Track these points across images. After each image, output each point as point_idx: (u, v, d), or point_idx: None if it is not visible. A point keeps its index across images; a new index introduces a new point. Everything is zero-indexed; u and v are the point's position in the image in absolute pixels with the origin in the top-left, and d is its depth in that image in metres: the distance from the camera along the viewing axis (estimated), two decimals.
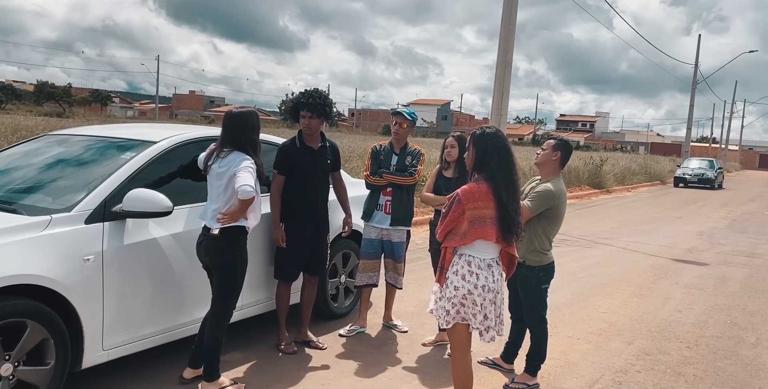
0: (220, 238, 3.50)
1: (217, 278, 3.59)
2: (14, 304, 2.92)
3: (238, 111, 3.69)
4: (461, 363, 3.26)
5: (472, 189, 3.10)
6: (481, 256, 3.13)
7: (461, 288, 3.11)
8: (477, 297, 3.10)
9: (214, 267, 3.57)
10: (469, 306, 3.12)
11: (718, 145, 64.88)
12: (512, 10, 10.36)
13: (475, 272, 3.11)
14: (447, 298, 3.16)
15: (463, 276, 3.11)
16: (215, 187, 3.57)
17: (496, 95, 10.47)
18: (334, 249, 5.01)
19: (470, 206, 3.05)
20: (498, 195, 3.08)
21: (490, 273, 3.13)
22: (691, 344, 5.07)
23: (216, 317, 3.60)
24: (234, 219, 3.47)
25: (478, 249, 3.13)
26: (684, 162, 29.59)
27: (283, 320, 4.42)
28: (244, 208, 3.45)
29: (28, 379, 3.03)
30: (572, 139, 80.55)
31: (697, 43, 37.30)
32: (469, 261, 3.12)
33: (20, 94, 64.10)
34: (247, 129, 3.61)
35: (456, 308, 3.14)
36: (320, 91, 4.36)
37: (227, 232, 3.50)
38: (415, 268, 7.02)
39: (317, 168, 4.36)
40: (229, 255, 3.55)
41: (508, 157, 3.17)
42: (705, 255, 9.38)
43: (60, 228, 3.19)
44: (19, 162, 4.14)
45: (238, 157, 3.50)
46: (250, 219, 3.59)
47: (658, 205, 17.43)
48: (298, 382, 3.88)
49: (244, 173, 3.40)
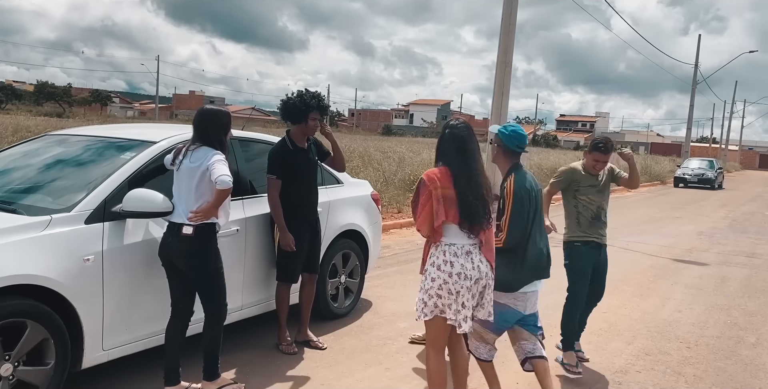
0: (192, 237, 3.38)
1: (197, 281, 3.48)
2: (14, 304, 2.92)
3: (210, 108, 3.65)
4: (434, 359, 3.23)
5: (434, 171, 3.18)
6: (459, 243, 3.12)
7: (437, 279, 3.10)
8: (452, 286, 3.07)
9: (189, 269, 3.44)
10: (445, 297, 3.10)
11: (718, 145, 64.86)
12: (512, 10, 10.36)
13: (450, 260, 3.09)
14: (424, 290, 3.16)
15: (438, 267, 3.11)
16: (185, 184, 3.46)
17: (496, 95, 10.47)
18: (334, 249, 5.02)
19: (435, 186, 3.10)
20: (455, 177, 3.13)
21: (468, 260, 3.11)
22: (691, 344, 5.07)
23: (210, 318, 3.54)
24: (207, 217, 3.37)
25: (453, 235, 3.13)
26: (684, 162, 29.58)
27: (283, 321, 4.42)
28: (219, 202, 3.34)
29: (28, 379, 3.03)
30: (572, 139, 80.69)
31: (697, 43, 37.31)
32: (444, 251, 3.12)
33: (20, 94, 64.04)
34: (216, 127, 3.53)
35: (433, 300, 3.12)
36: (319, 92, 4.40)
37: (200, 231, 3.39)
38: (415, 268, 7.00)
39: (311, 167, 4.43)
40: (204, 255, 3.44)
41: (463, 145, 3.22)
42: (705, 256, 9.38)
43: (60, 228, 3.19)
44: (19, 162, 4.14)
45: (209, 152, 3.43)
46: (221, 216, 3.48)
47: (658, 205, 17.43)
48: (298, 382, 3.89)
49: (219, 165, 3.34)
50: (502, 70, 10.52)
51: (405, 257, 7.75)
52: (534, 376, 3.70)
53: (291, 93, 4.41)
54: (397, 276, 6.80)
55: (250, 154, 4.59)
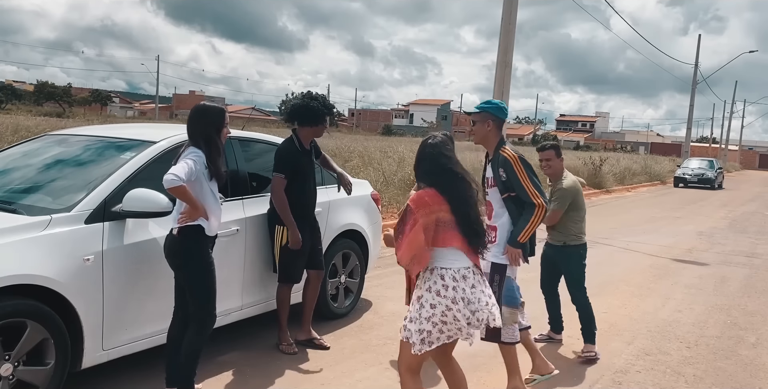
0: (178, 239, 3.37)
1: (185, 283, 3.44)
2: (14, 304, 2.92)
3: (201, 104, 3.55)
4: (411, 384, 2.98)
5: (421, 195, 2.93)
6: (455, 267, 2.90)
7: (438, 305, 2.84)
8: (457, 313, 2.83)
9: (176, 269, 3.43)
10: (451, 323, 2.85)
11: (718, 145, 64.86)
12: (512, 10, 10.36)
13: (451, 285, 2.85)
14: (425, 318, 2.86)
15: (437, 292, 2.85)
16: None
17: (496, 95, 10.47)
18: (334, 249, 5.02)
19: (423, 212, 2.85)
20: (449, 199, 2.92)
21: (467, 284, 2.89)
22: (691, 344, 5.07)
23: (194, 324, 3.43)
24: (190, 218, 3.31)
25: (448, 259, 2.91)
26: (684, 162, 29.58)
27: (284, 321, 4.42)
28: (186, 201, 3.25)
29: (28, 379, 3.03)
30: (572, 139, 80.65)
31: (697, 43, 37.32)
32: (442, 275, 2.88)
33: (20, 94, 63.97)
34: (201, 124, 3.43)
35: (438, 327, 2.85)
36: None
37: (184, 232, 3.35)
38: None
39: (313, 168, 4.49)
40: (187, 257, 3.39)
41: (446, 163, 2.99)
42: (705, 255, 9.38)
43: (60, 228, 3.19)
44: (19, 162, 4.14)
45: (191, 152, 3.36)
46: (211, 219, 3.41)
47: (658, 205, 17.43)
48: (298, 382, 3.89)
49: (178, 163, 3.26)
50: (502, 70, 10.53)
51: None
52: None
53: (300, 93, 4.47)
54: (397, 276, 6.80)
55: (250, 154, 4.58)
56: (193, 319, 3.44)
